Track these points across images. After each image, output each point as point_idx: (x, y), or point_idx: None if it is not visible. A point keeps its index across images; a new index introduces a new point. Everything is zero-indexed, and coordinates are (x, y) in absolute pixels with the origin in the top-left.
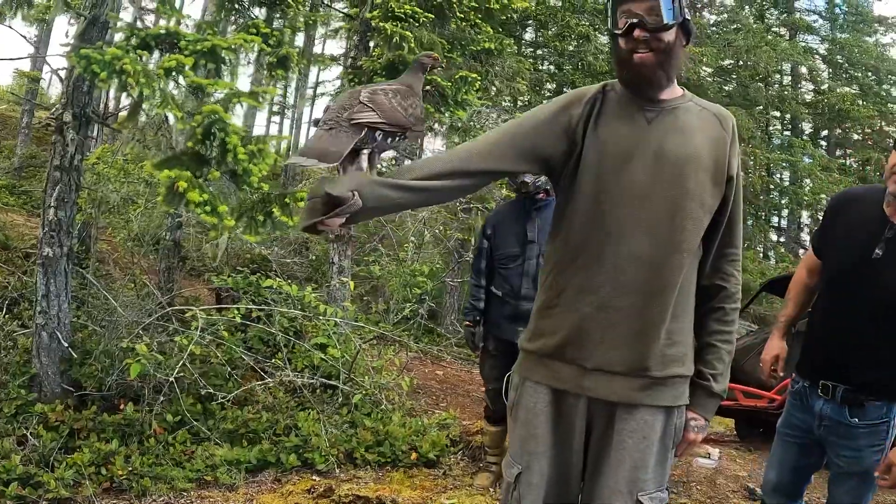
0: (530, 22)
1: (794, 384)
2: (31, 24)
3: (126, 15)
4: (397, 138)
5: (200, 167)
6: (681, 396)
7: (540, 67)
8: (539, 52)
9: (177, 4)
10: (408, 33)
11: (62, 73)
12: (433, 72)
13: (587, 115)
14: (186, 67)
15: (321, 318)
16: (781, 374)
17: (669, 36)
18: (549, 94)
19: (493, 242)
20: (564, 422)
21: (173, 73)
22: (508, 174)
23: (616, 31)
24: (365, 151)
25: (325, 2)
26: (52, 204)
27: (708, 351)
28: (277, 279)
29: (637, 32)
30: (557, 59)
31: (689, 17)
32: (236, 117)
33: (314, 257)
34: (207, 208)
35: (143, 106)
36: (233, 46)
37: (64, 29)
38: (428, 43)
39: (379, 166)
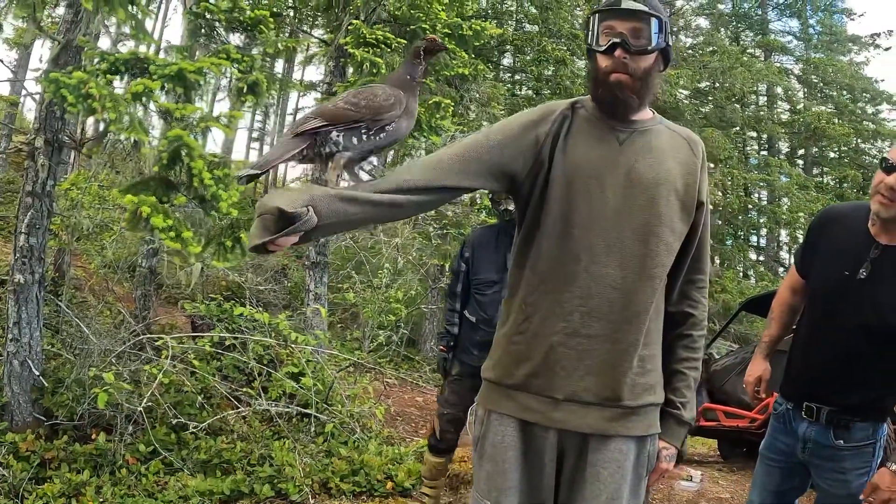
0: (508, 47)
1: (777, 407)
2: (10, 48)
3: (105, 41)
4: (370, 134)
5: (168, 192)
6: (653, 425)
7: (518, 92)
8: (517, 76)
9: (149, 29)
10: (379, 59)
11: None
12: (434, 55)
13: (556, 132)
14: (155, 92)
15: (293, 346)
16: (764, 395)
17: (649, 60)
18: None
19: (471, 266)
20: (534, 455)
21: (142, 98)
22: (473, 190)
23: (596, 48)
24: (336, 156)
25: (305, 28)
26: (23, 230)
27: (677, 378)
28: (248, 307)
29: (618, 52)
30: (535, 83)
31: (671, 44)
32: (214, 142)
33: (291, 284)
34: (172, 234)
35: (111, 130)
36: (201, 70)
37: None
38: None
39: (364, 172)
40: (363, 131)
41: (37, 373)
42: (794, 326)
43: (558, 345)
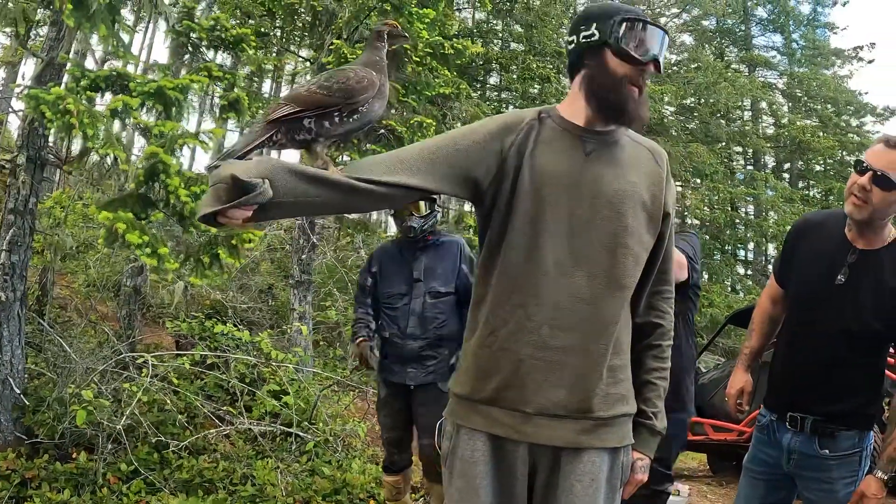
0: (494, 65)
1: (760, 419)
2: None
3: (91, 59)
4: (343, 117)
5: (146, 208)
6: (627, 436)
7: (503, 110)
8: (503, 95)
9: (134, 47)
10: None
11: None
12: (397, 41)
13: (522, 142)
14: (134, 108)
15: (274, 363)
16: (747, 407)
17: (648, 79)
18: None
19: (379, 280)
20: (505, 470)
21: (120, 115)
22: (434, 193)
23: (639, 56)
24: (318, 146)
25: (292, 47)
26: (4, 248)
27: (648, 389)
28: (229, 325)
29: (650, 68)
30: (521, 101)
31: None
32: (202, 158)
33: (278, 303)
34: (148, 250)
35: (89, 147)
36: (180, 87)
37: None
38: None
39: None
40: (335, 115)
41: (18, 391)
42: (775, 338)
43: (528, 357)
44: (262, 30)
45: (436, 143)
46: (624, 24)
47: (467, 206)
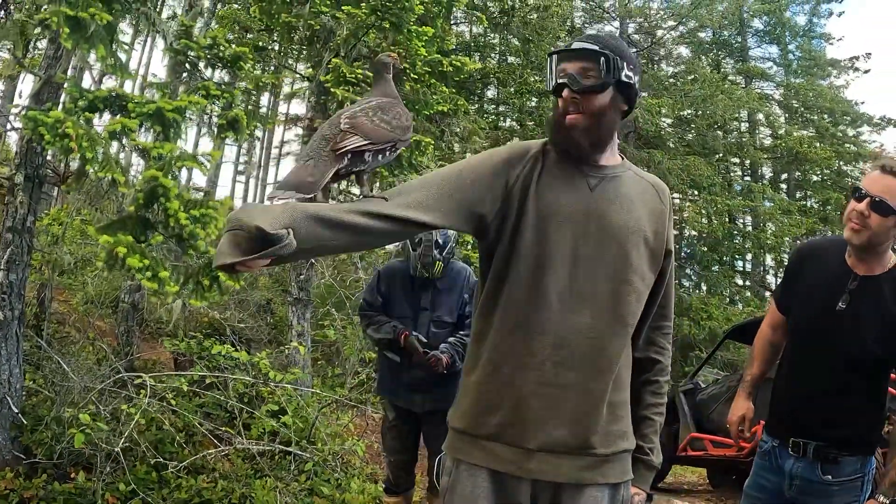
0: (492, 79)
1: (762, 444)
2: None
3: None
4: (388, 153)
5: (145, 231)
6: (627, 471)
7: (502, 124)
8: (501, 108)
9: (133, 64)
10: (359, 98)
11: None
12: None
13: (528, 175)
14: (133, 130)
15: (272, 383)
16: (749, 434)
17: (603, 99)
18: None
19: (387, 302)
20: None
21: (119, 137)
22: (441, 228)
23: (549, 90)
24: (366, 174)
25: (290, 62)
26: (2, 267)
27: (645, 425)
28: (227, 345)
29: (566, 93)
30: (518, 115)
31: (632, 80)
32: (199, 178)
33: (276, 318)
34: (149, 273)
35: (87, 169)
36: (179, 109)
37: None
38: None
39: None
40: (387, 150)
41: (16, 410)
42: (778, 363)
43: (530, 395)
44: (261, 44)
45: (443, 178)
46: (550, 62)
47: None
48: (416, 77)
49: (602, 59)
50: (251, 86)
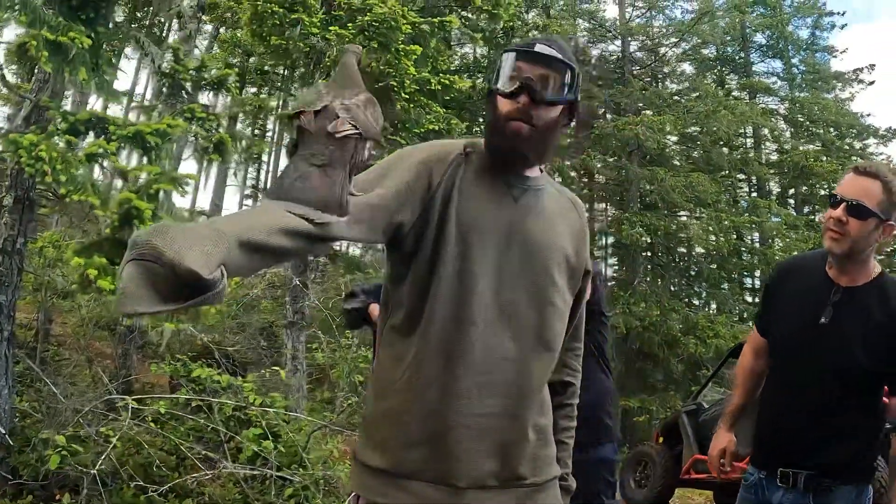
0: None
1: (747, 476)
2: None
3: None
4: (367, 153)
5: (122, 253)
6: (558, 497)
7: None
8: None
9: (117, 87)
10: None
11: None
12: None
13: (450, 180)
14: (112, 153)
15: (254, 407)
16: (729, 468)
17: (554, 113)
18: None
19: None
20: None
21: (98, 159)
22: (363, 242)
23: (498, 90)
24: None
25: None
26: None
27: (560, 449)
28: (208, 369)
29: (523, 99)
30: None
31: (580, 100)
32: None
33: (278, 342)
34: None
35: (62, 192)
36: (158, 131)
37: None
38: None
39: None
40: (368, 150)
41: (3, 431)
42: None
43: (457, 425)
44: (265, 68)
45: (364, 184)
46: (503, 59)
47: None
48: (406, 97)
49: (568, 72)
50: (237, 109)
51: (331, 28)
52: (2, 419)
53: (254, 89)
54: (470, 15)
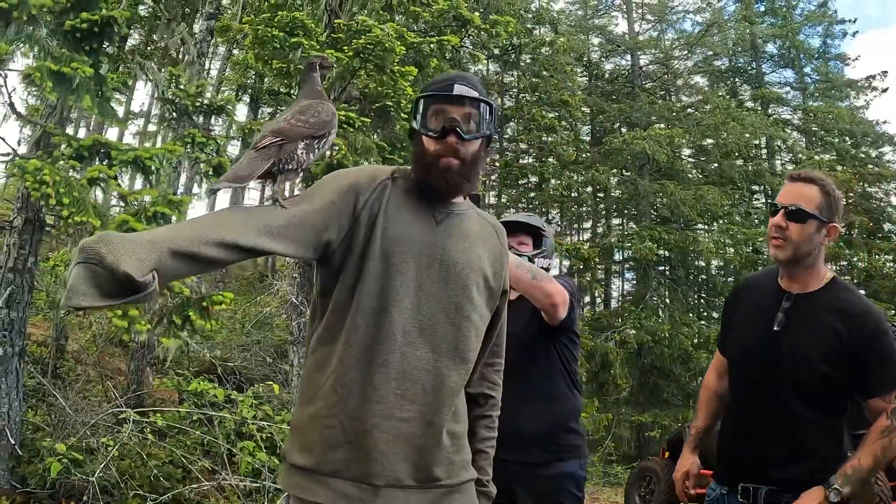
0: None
1: (709, 493)
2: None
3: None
4: (314, 148)
5: None
6: (474, 500)
7: (522, 159)
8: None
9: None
10: (339, 140)
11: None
12: (327, 72)
13: (376, 202)
14: (112, 177)
15: (253, 421)
16: (693, 492)
17: (476, 146)
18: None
19: None
20: None
21: (99, 183)
22: (290, 257)
23: (428, 133)
24: (288, 177)
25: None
26: (2, 305)
27: (481, 457)
28: (204, 384)
29: (451, 139)
30: (537, 151)
31: (494, 132)
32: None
33: (271, 360)
34: (119, 312)
35: (64, 215)
36: (157, 156)
37: None
38: (363, 147)
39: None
40: (315, 145)
41: (13, 442)
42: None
43: (374, 428)
44: (277, 88)
45: (297, 206)
46: (422, 102)
47: None
48: (405, 116)
49: (486, 108)
50: (237, 133)
51: (327, 52)
52: (13, 431)
53: (269, 109)
54: (471, 33)
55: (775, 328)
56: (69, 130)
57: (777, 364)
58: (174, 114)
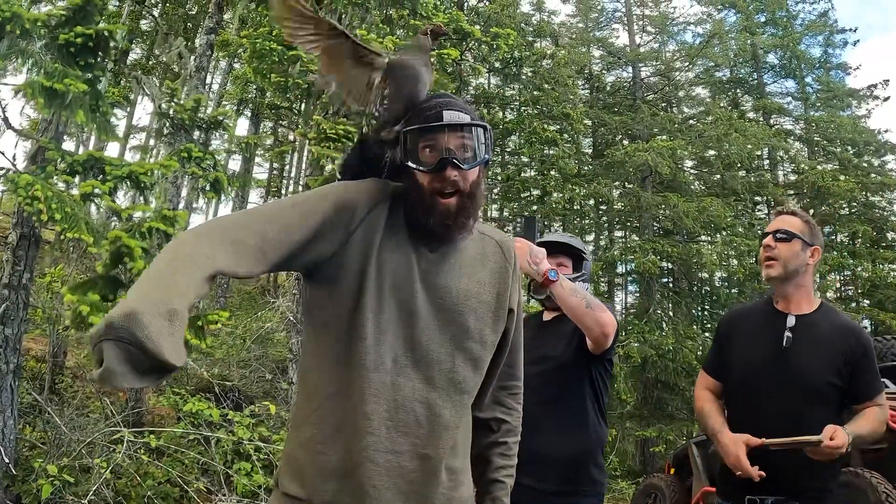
0: (510, 131)
1: None
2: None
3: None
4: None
5: (115, 290)
6: None
7: (523, 172)
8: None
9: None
10: (338, 154)
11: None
12: (440, 38)
13: (373, 223)
14: (106, 193)
15: (249, 441)
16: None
17: (474, 174)
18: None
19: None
20: None
21: (91, 198)
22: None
23: (420, 168)
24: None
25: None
26: None
27: (496, 487)
28: (198, 403)
29: (450, 172)
30: (539, 165)
31: (492, 155)
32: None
33: (270, 377)
34: None
35: (56, 230)
36: (152, 172)
37: None
38: None
39: None
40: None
41: (7, 460)
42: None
43: (366, 461)
44: (278, 103)
45: (287, 216)
46: (409, 136)
47: None
48: None
49: (480, 131)
50: (234, 149)
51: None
52: (7, 449)
53: (270, 124)
54: (472, 46)
55: (784, 345)
56: (70, 145)
57: (788, 377)
58: (171, 128)
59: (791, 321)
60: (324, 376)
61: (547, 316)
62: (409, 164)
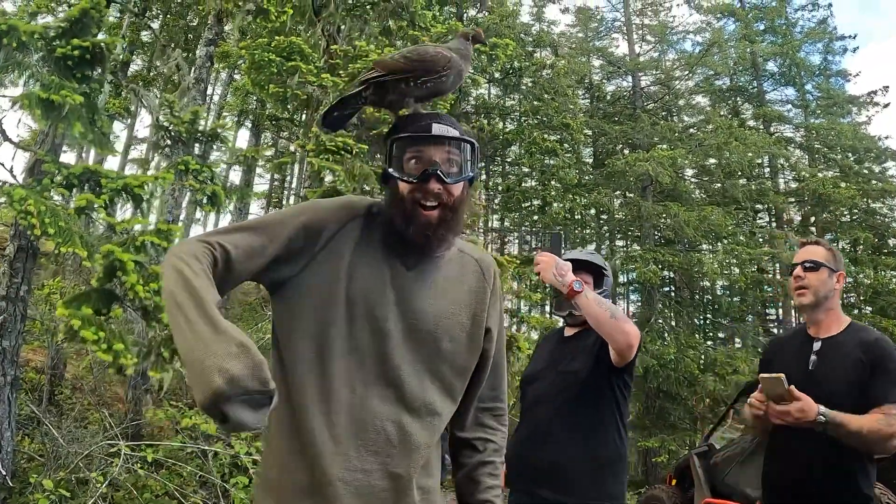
0: (510, 141)
1: None
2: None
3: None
4: (417, 83)
5: (109, 304)
6: None
7: (524, 182)
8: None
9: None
10: (337, 167)
11: None
12: (478, 43)
13: (345, 239)
14: (100, 206)
15: (245, 455)
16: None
17: (458, 189)
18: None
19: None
20: None
21: (86, 212)
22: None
23: (405, 178)
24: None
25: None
26: None
27: None
28: (198, 415)
29: (433, 184)
30: (539, 175)
31: (477, 173)
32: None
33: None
34: (104, 346)
35: (50, 244)
36: (146, 184)
37: None
38: (360, 173)
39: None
40: (410, 81)
41: (4, 473)
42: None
43: (337, 480)
44: (278, 114)
45: (257, 232)
46: (396, 145)
47: None
48: None
49: (468, 147)
50: (231, 161)
51: (323, 76)
52: (4, 461)
53: (271, 135)
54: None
55: (810, 368)
56: (71, 158)
57: (815, 395)
58: (168, 141)
59: (817, 346)
60: (291, 392)
61: (569, 332)
62: (393, 172)
